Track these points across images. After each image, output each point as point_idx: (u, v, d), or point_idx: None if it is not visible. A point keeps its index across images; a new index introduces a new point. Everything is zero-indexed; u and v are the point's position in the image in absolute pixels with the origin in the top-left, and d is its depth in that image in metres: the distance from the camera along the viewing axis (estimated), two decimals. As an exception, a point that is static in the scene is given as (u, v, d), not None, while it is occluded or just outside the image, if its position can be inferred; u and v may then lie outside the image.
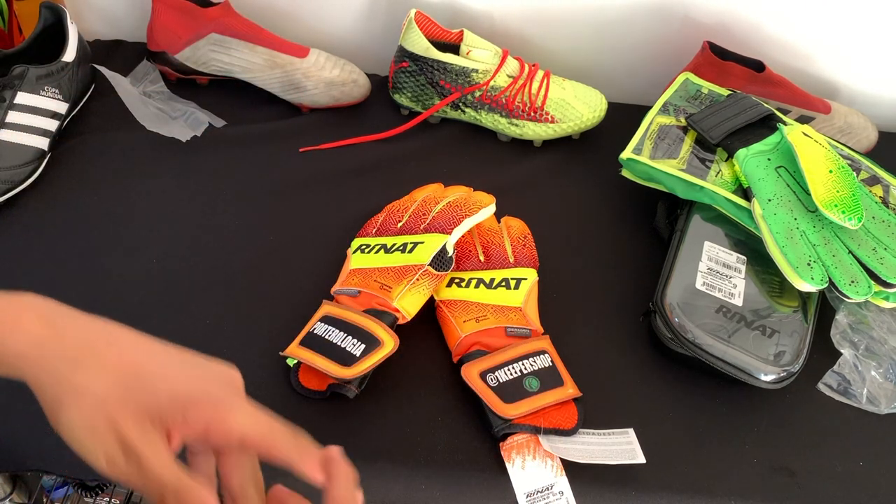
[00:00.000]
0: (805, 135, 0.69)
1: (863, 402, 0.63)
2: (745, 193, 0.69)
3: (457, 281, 0.66)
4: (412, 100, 0.85)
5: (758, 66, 0.83)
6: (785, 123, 0.73)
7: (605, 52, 0.92)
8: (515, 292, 0.64)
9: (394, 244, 0.66)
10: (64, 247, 0.69)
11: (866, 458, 0.60)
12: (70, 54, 0.77)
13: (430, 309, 0.65)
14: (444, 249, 0.64)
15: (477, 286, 0.65)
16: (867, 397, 0.63)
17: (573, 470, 0.55)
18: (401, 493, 0.55)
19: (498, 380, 0.58)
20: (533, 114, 0.83)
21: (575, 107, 0.83)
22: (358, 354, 0.57)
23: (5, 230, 0.69)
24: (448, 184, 0.76)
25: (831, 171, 0.65)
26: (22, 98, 0.72)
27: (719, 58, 0.83)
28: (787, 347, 0.61)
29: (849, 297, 0.60)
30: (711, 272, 0.65)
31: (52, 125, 0.75)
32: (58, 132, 0.77)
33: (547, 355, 0.60)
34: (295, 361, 0.59)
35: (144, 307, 0.64)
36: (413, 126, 0.84)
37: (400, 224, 0.69)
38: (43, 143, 0.74)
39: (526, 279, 0.66)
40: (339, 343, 0.58)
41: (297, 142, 0.82)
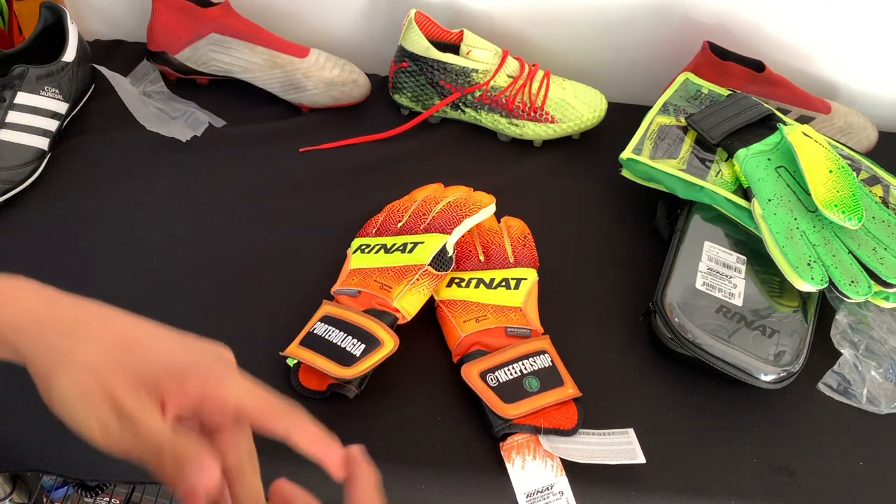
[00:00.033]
0: (805, 135, 0.69)
1: (863, 402, 0.63)
2: (745, 193, 0.69)
3: (457, 281, 0.66)
4: (412, 100, 0.85)
5: (758, 66, 0.83)
6: (785, 123, 0.73)
7: (605, 52, 0.92)
8: (515, 292, 0.64)
9: (394, 244, 0.66)
10: (64, 247, 0.69)
11: (866, 458, 0.60)
12: (70, 54, 0.77)
13: (430, 309, 0.65)
14: (444, 249, 0.64)
15: (477, 286, 0.65)
16: (867, 397, 0.63)
17: (573, 470, 0.55)
18: (401, 493, 0.55)
19: (498, 380, 0.58)
20: (533, 114, 0.83)
21: (575, 107, 0.83)
22: (358, 354, 0.57)
23: (5, 230, 0.69)
24: (448, 184, 0.76)
25: (831, 171, 0.65)
26: (22, 98, 0.72)
27: (719, 58, 0.83)
28: (787, 347, 0.61)
29: (849, 297, 0.60)
30: (711, 272, 0.65)
31: (52, 125, 0.75)
32: (58, 132, 0.77)
33: (547, 355, 0.60)
34: (295, 361, 0.59)
35: (144, 307, 0.63)
36: (413, 126, 0.84)
37: (400, 224, 0.69)
38: (43, 143, 0.74)
39: (526, 279, 0.66)
40: (339, 343, 0.58)
41: (297, 142, 0.82)
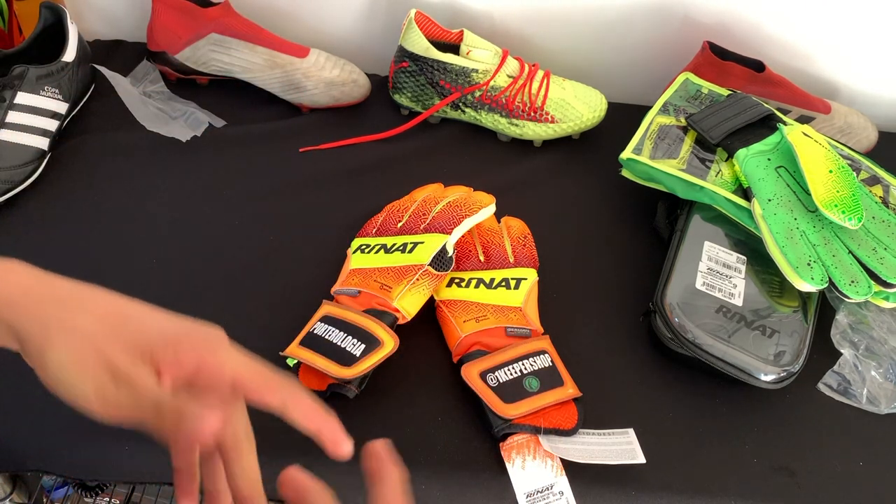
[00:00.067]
0: (805, 135, 0.69)
1: (863, 402, 0.63)
2: (745, 193, 0.69)
3: (457, 281, 0.66)
4: (412, 100, 0.85)
5: (758, 66, 0.83)
6: (785, 123, 0.73)
7: (605, 52, 0.92)
8: (515, 292, 0.64)
9: (394, 244, 0.66)
10: (64, 247, 0.69)
11: (866, 458, 0.60)
12: (70, 54, 0.77)
13: (430, 309, 0.65)
14: (444, 249, 0.64)
15: (477, 286, 0.65)
16: (867, 397, 0.63)
17: (573, 470, 0.55)
18: (401, 492, 0.55)
19: (498, 380, 0.58)
20: (533, 114, 0.83)
21: (575, 107, 0.83)
22: (358, 354, 0.57)
23: (5, 230, 0.69)
24: (448, 184, 0.76)
25: (831, 171, 0.65)
26: (22, 98, 0.72)
27: (719, 58, 0.83)
28: (787, 347, 0.61)
29: (849, 297, 0.60)
30: (711, 272, 0.65)
31: (52, 125, 0.75)
32: (58, 132, 0.77)
33: (547, 355, 0.60)
34: (295, 361, 0.59)
35: (144, 307, 0.64)
36: (413, 126, 0.84)
37: (400, 224, 0.69)
38: (43, 143, 0.74)
39: (526, 279, 0.66)
40: (339, 343, 0.58)
41: (297, 142, 0.82)
